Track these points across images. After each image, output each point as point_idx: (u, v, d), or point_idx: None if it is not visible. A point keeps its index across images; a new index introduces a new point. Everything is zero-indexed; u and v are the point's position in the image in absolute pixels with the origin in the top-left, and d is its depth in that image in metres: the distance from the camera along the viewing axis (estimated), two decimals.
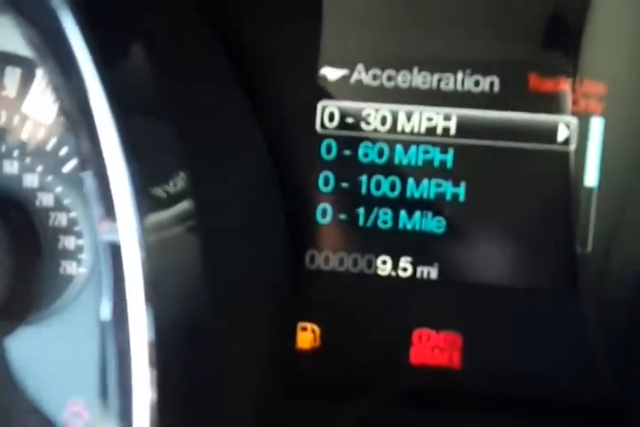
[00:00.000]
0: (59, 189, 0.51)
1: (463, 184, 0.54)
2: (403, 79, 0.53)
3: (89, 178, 0.38)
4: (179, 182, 0.41)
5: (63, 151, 0.51)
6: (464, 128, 0.53)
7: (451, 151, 0.54)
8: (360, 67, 0.54)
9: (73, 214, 0.51)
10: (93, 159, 0.37)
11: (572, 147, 0.53)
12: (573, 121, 0.53)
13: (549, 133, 0.53)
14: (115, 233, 0.37)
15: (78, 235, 0.51)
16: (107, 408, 0.38)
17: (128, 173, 0.37)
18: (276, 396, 0.54)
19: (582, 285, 0.54)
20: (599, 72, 0.53)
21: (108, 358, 0.38)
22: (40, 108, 0.51)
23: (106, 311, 0.38)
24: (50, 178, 0.51)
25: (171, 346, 0.38)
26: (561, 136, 0.53)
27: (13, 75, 0.51)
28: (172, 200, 0.41)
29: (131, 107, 0.39)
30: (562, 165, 0.53)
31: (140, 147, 0.39)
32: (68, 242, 0.51)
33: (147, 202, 0.38)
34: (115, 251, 0.37)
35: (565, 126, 0.53)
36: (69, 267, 0.51)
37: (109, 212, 0.37)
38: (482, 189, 0.54)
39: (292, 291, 0.55)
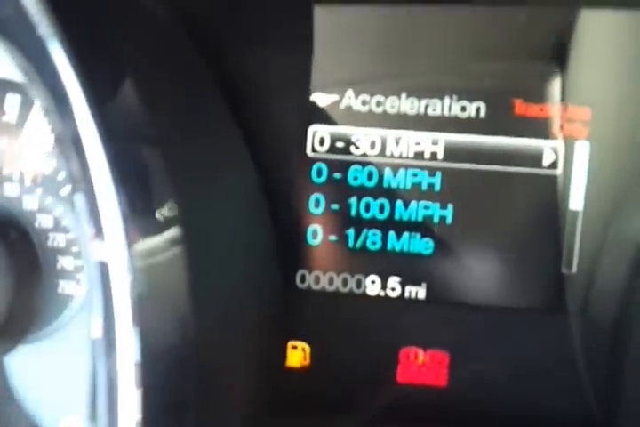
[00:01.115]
0: (57, 211, 0.52)
1: (450, 206, 0.55)
2: (391, 105, 0.55)
3: (79, 199, 0.39)
4: (168, 206, 0.42)
5: (61, 175, 0.52)
6: (451, 152, 0.55)
7: (438, 175, 0.55)
8: (350, 92, 0.55)
9: (71, 235, 0.53)
10: (83, 182, 0.38)
11: (559, 171, 0.54)
12: (560, 145, 0.54)
13: (536, 158, 0.54)
14: (103, 253, 0.38)
15: (76, 255, 0.53)
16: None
17: (117, 196, 0.38)
18: (267, 413, 0.55)
19: (567, 304, 0.55)
20: (584, 97, 0.54)
21: (97, 376, 0.39)
22: (39, 134, 0.52)
23: (96, 330, 0.39)
24: (49, 200, 0.52)
25: (157, 367, 0.39)
26: (547, 161, 0.54)
27: (14, 101, 0.53)
28: (164, 224, 0.42)
29: (118, 133, 0.40)
30: (548, 188, 0.54)
31: (127, 171, 0.39)
32: (67, 262, 0.53)
33: (136, 224, 0.39)
34: (103, 270, 0.38)
35: (552, 151, 0.54)
36: (68, 287, 0.53)
37: (99, 232, 0.38)
38: (469, 212, 0.55)
39: (283, 310, 0.56)
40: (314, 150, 0.56)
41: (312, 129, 0.56)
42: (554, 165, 0.54)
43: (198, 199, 0.46)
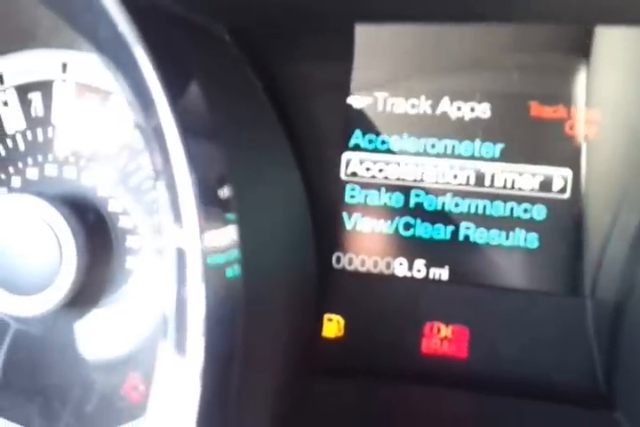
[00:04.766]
0: (126, 198, 0.60)
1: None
2: (422, 107, 0.61)
3: (161, 188, 0.43)
4: (227, 193, 0.46)
5: (131, 167, 0.60)
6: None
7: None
8: (385, 95, 0.62)
9: (137, 218, 0.60)
10: (165, 173, 0.42)
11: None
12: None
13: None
14: (180, 237, 0.42)
15: (141, 235, 0.60)
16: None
17: (192, 186, 0.41)
18: (303, 377, 0.61)
19: (578, 286, 0.59)
20: (595, 100, 0.58)
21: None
22: (113, 131, 0.60)
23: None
24: (120, 188, 0.60)
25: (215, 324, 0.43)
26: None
27: (92, 102, 0.60)
28: (224, 207, 0.46)
29: (190, 129, 0.44)
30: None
31: (200, 163, 0.43)
32: (134, 241, 0.60)
33: (205, 208, 0.43)
34: (180, 253, 0.42)
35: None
36: (134, 262, 0.60)
37: (177, 219, 0.42)
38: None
39: (321, 287, 0.62)
40: (349, 148, 0.63)
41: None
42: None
43: (250, 190, 0.51)
